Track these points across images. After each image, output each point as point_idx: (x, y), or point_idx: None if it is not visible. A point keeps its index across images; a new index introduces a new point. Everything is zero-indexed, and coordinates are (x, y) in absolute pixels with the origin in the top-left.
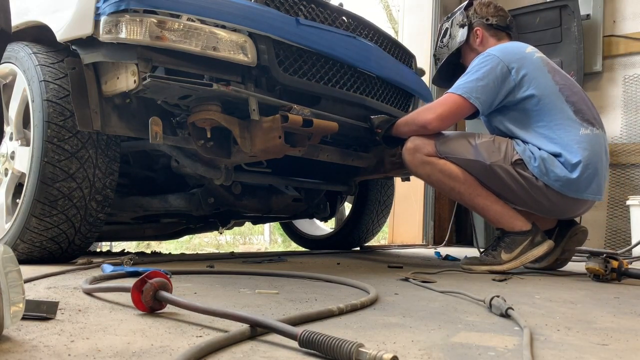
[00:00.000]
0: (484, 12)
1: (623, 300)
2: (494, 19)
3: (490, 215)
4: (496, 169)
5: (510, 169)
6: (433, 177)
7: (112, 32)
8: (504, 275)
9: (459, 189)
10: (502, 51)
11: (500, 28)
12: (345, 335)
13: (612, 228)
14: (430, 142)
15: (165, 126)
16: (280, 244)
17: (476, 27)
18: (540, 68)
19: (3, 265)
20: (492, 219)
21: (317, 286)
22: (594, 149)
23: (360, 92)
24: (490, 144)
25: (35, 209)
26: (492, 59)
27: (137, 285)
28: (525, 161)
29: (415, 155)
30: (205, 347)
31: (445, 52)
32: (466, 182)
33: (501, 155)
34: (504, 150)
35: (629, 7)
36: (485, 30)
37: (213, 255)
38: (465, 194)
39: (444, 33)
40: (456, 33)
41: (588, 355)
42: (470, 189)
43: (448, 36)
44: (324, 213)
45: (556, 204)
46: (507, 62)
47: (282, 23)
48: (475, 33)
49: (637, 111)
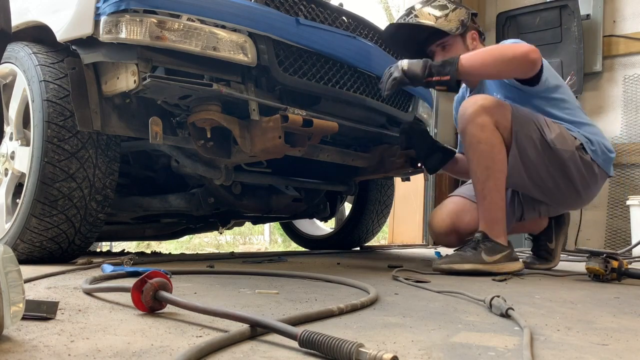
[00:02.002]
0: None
1: (623, 300)
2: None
3: (491, 215)
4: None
5: (576, 154)
6: (481, 146)
7: (112, 32)
8: (504, 276)
9: (491, 173)
10: None
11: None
12: (345, 335)
13: (612, 228)
14: (507, 112)
15: (165, 126)
16: (280, 244)
17: (472, 31)
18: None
19: (3, 265)
20: (489, 220)
21: (317, 286)
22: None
23: (361, 92)
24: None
25: (35, 209)
26: None
27: (137, 285)
28: (585, 144)
29: (483, 116)
30: (205, 347)
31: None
32: (503, 172)
33: (568, 142)
34: (566, 135)
35: (629, 7)
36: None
37: (213, 255)
38: (492, 180)
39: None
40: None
41: (588, 355)
42: (500, 180)
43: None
44: (324, 213)
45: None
46: None
47: (282, 23)
48: (472, 36)
49: (637, 111)
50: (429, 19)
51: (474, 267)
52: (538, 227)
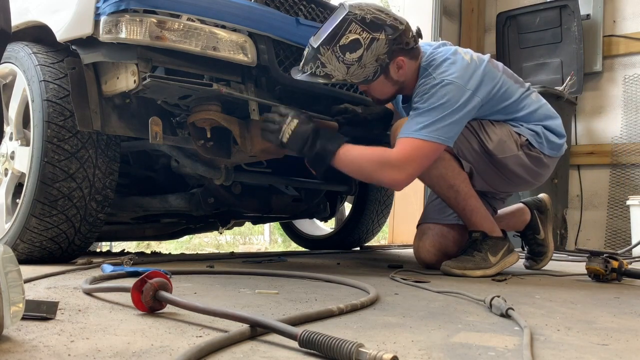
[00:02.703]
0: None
1: (623, 300)
2: (411, 40)
3: (477, 217)
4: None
5: (521, 153)
6: (435, 171)
7: (112, 32)
8: (504, 276)
9: (458, 187)
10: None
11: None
12: (345, 335)
13: (612, 228)
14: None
15: (165, 126)
16: (280, 244)
17: (399, 56)
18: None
19: (3, 265)
20: (477, 221)
21: (317, 286)
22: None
23: (361, 92)
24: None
25: (35, 209)
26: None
27: (137, 285)
28: (530, 140)
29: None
30: (205, 347)
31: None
32: (464, 180)
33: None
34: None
35: (629, 7)
36: (406, 56)
37: (213, 255)
38: (462, 192)
39: (352, 43)
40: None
41: (588, 355)
42: (467, 187)
43: (359, 57)
44: (324, 213)
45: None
46: (470, 87)
47: (282, 23)
48: (397, 64)
49: (637, 111)
50: (338, 71)
51: (484, 273)
52: (521, 222)
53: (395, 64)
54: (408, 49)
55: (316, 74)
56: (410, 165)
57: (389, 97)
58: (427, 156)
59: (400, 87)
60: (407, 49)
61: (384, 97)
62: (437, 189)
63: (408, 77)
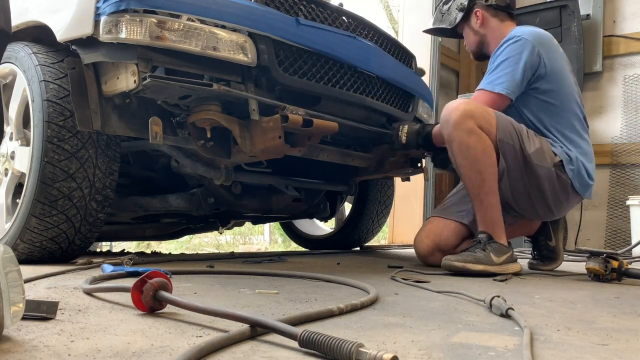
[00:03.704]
0: None
1: (623, 300)
2: (492, 0)
3: (490, 217)
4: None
5: (553, 171)
6: (471, 151)
7: (112, 32)
8: (504, 276)
9: (486, 177)
10: (533, 35)
11: (499, 8)
12: (345, 335)
13: (612, 228)
14: (492, 118)
15: (165, 126)
16: (280, 244)
17: (476, 8)
18: (566, 65)
19: (3, 265)
20: (489, 221)
21: (317, 286)
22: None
23: (361, 92)
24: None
25: (35, 209)
26: (524, 44)
27: (137, 285)
28: (564, 162)
29: (467, 121)
30: (205, 347)
31: (440, 19)
32: (494, 175)
33: (546, 158)
34: (546, 150)
35: (629, 7)
36: (485, 10)
37: (213, 255)
38: (486, 184)
39: (447, 0)
40: (454, 13)
41: (588, 355)
42: (494, 183)
43: (448, 7)
44: (324, 213)
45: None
46: (539, 47)
47: (282, 23)
48: (476, 14)
49: (637, 111)
50: (437, 18)
51: (485, 269)
52: (531, 229)
53: (474, 14)
54: (487, 4)
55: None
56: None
57: (476, 48)
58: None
59: (481, 40)
60: (487, 5)
61: (471, 48)
62: (466, 171)
63: (489, 33)
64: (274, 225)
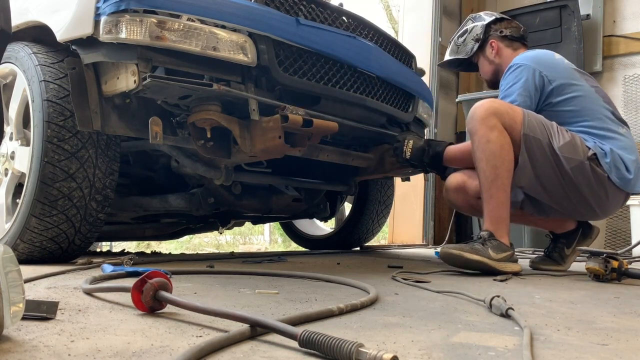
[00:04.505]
0: (498, 25)
1: (623, 300)
2: (507, 31)
3: (496, 214)
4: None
5: (587, 164)
6: (492, 145)
7: (112, 32)
8: (504, 275)
9: (499, 172)
10: (533, 59)
11: (514, 39)
12: (345, 335)
13: (612, 228)
14: (518, 116)
15: (165, 126)
16: (280, 244)
17: (491, 39)
18: (573, 73)
19: (3, 265)
20: (494, 219)
21: (317, 286)
22: (633, 146)
23: (361, 92)
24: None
25: (35, 209)
26: (525, 69)
27: (137, 285)
28: (599, 156)
29: (491, 118)
30: (205, 347)
31: (456, 51)
32: (510, 172)
33: (578, 151)
34: (579, 144)
35: (629, 7)
36: (499, 41)
37: (213, 255)
38: (499, 180)
39: (463, 32)
40: (470, 44)
41: (588, 355)
42: (508, 179)
43: (464, 39)
44: (324, 213)
45: (611, 201)
46: (540, 69)
47: (282, 23)
48: (491, 45)
49: (637, 111)
50: (452, 50)
51: (481, 259)
52: (562, 227)
53: (490, 45)
54: (502, 35)
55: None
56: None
57: (491, 77)
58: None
59: (496, 69)
60: (501, 36)
61: (486, 77)
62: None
63: (503, 62)
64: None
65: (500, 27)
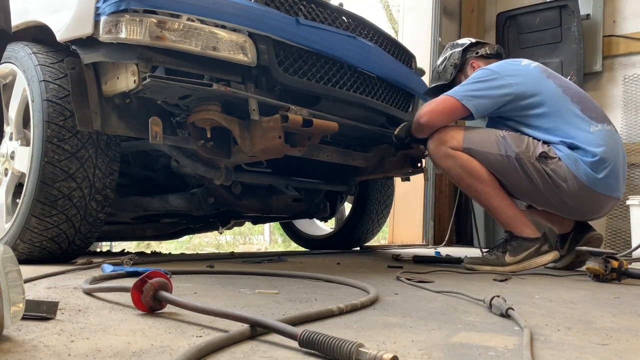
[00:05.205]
0: (475, 48)
1: (623, 300)
2: (482, 50)
3: (503, 217)
4: (523, 162)
5: (536, 163)
6: (453, 171)
7: (112, 32)
8: (505, 276)
9: (476, 187)
10: (498, 66)
11: (490, 56)
12: (345, 335)
13: (612, 228)
14: (458, 135)
15: (165, 126)
16: (280, 244)
17: (471, 60)
18: (538, 76)
19: (3, 265)
20: (504, 222)
21: (317, 286)
22: (609, 144)
23: (361, 92)
24: (517, 137)
25: (35, 209)
26: (489, 72)
27: (137, 285)
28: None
29: (440, 148)
30: (205, 347)
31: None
32: (484, 182)
33: (526, 149)
34: (527, 143)
35: (629, 7)
36: (478, 60)
37: (213, 255)
38: (482, 193)
39: (442, 61)
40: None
41: (588, 355)
42: (487, 188)
43: (444, 66)
44: (324, 213)
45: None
46: (504, 74)
47: (282, 23)
48: (472, 65)
49: (637, 111)
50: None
51: (492, 270)
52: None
53: (470, 65)
54: (478, 55)
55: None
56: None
57: None
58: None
59: None
60: (478, 56)
61: None
62: (463, 189)
63: None
64: (274, 225)
65: (477, 49)
